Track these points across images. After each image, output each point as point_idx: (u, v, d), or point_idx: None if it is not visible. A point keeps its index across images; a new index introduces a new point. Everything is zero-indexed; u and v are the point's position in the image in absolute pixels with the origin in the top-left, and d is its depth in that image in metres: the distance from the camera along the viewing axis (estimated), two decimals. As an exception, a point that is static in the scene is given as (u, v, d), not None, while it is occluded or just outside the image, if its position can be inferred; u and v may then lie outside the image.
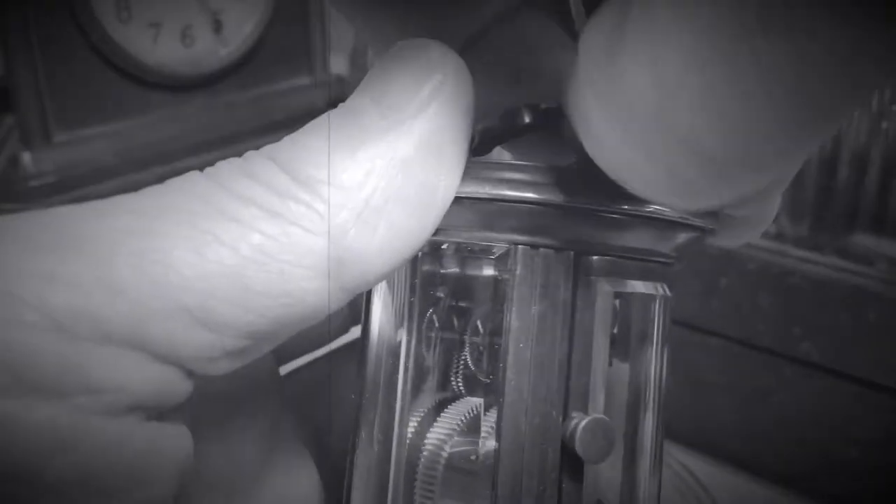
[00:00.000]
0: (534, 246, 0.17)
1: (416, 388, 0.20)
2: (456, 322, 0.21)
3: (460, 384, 0.20)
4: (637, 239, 0.18)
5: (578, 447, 0.17)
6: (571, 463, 0.17)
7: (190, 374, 0.15)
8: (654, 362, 0.19)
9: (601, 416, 0.17)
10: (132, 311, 0.14)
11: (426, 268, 0.20)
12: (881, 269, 0.41)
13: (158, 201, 0.15)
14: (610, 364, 0.19)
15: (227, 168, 0.15)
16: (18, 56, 0.54)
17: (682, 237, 0.19)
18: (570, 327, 0.18)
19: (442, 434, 0.19)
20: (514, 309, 0.17)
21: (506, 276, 0.18)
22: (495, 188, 0.17)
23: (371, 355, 0.19)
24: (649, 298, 0.19)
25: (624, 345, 0.19)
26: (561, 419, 0.17)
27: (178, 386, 0.15)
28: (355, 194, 0.15)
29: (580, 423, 0.17)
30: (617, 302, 0.19)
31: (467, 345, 0.20)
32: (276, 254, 0.14)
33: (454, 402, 0.20)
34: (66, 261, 0.14)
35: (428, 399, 0.20)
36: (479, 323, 0.20)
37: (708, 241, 0.20)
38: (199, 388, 0.16)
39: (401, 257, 0.16)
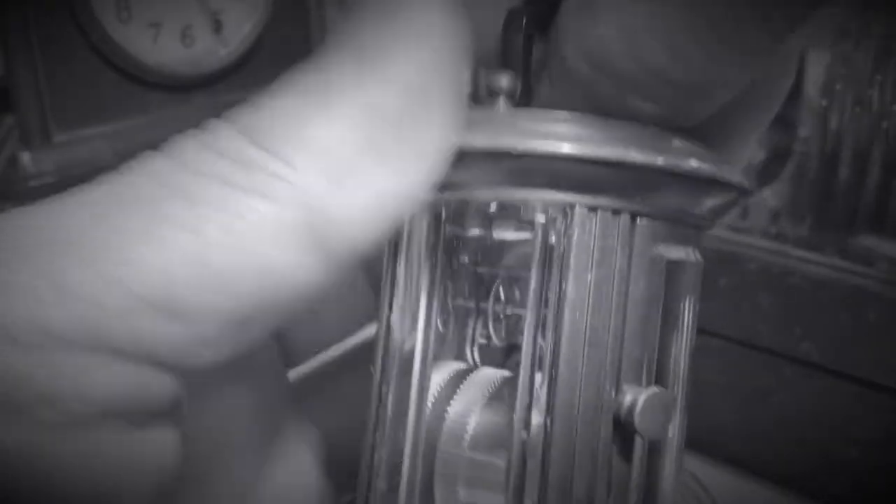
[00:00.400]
0: (592, 208, 0.16)
1: (435, 358, 0.18)
2: (475, 289, 0.19)
3: (475, 355, 0.19)
4: (686, 200, 0.17)
5: (638, 422, 0.16)
6: (624, 438, 0.16)
7: (171, 370, 0.14)
8: (689, 332, 0.19)
9: (659, 388, 0.17)
10: (87, 312, 0.13)
11: (450, 229, 0.18)
12: (881, 269, 0.41)
13: (116, 190, 0.14)
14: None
15: (188, 144, 0.14)
16: (18, 56, 0.54)
17: (722, 197, 0.18)
18: (625, 296, 0.17)
19: (462, 411, 0.18)
20: (571, 276, 0.16)
21: (550, 240, 0.17)
22: (548, 142, 0.15)
23: (389, 326, 0.18)
24: (691, 266, 0.19)
25: (667, 313, 0.18)
26: (614, 393, 0.16)
27: (158, 386, 0.14)
28: (328, 155, 0.14)
29: (639, 396, 0.16)
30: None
31: (490, 313, 0.19)
32: (245, 231, 0.13)
33: (469, 373, 0.19)
34: (18, 269, 0.13)
35: (444, 371, 0.19)
36: (501, 289, 0.19)
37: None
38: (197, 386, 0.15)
39: (389, 218, 0.15)
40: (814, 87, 0.54)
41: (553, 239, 0.17)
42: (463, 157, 0.16)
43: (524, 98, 0.18)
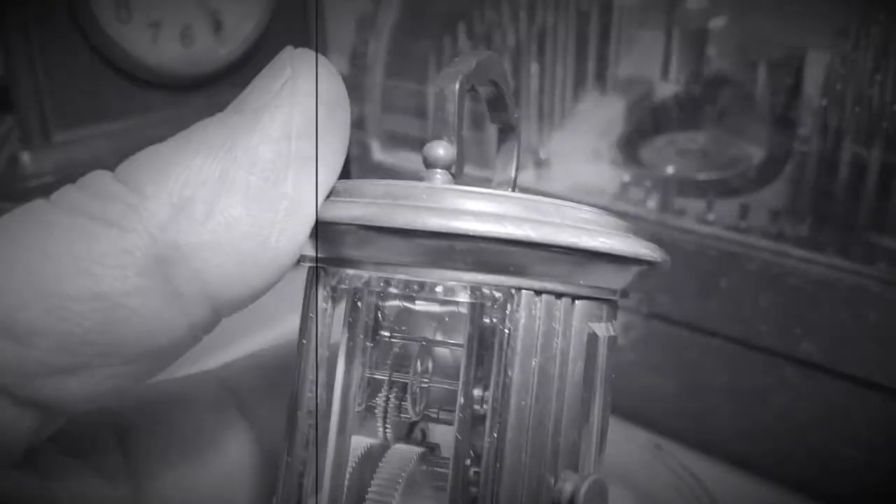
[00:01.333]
0: (538, 292, 0.16)
1: (349, 431, 0.18)
2: (388, 361, 0.19)
3: (388, 430, 0.19)
4: (611, 279, 0.17)
5: None
6: None
7: (26, 404, 0.14)
8: (604, 401, 0.19)
9: (597, 476, 0.16)
10: None
11: (364, 304, 0.18)
12: (881, 269, 0.41)
13: (3, 225, 0.15)
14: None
15: (67, 188, 0.15)
16: (18, 56, 0.54)
17: (635, 271, 0.18)
18: (564, 379, 0.16)
19: (381, 493, 0.17)
20: (517, 361, 0.16)
21: (490, 322, 0.16)
22: (488, 224, 0.15)
23: (302, 393, 0.17)
24: (612, 340, 0.18)
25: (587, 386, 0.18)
26: (553, 480, 0.16)
27: (8, 417, 0.14)
28: (181, 188, 0.15)
29: (581, 486, 0.16)
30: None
31: (410, 386, 0.19)
32: (88, 254, 0.14)
33: (382, 449, 0.19)
34: None
35: (357, 447, 0.18)
36: (422, 363, 0.19)
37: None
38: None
39: (244, 255, 0.15)
40: (813, 87, 0.54)
41: (487, 321, 0.16)
42: (394, 235, 0.15)
43: (458, 167, 0.17)
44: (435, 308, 0.18)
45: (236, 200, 0.15)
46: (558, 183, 0.53)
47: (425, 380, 0.19)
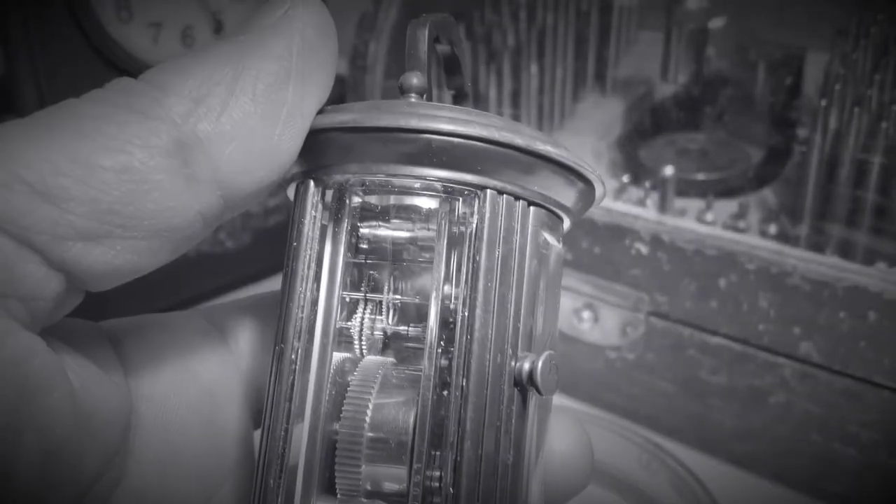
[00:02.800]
0: (500, 191, 0.19)
1: (331, 347, 0.20)
2: (367, 280, 0.21)
3: (363, 346, 0.21)
4: (560, 192, 0.20)
5: (540, 382, 0.18)
6: (521, 396, 0.19)
7: (55, 266, 0.16)
8: (554, 302, 0.21)
9: (552, 351, 0.19)
10: None
11: (349, 221, 0.20)
12: (881, 269, 0.41)
13: (46, 115, 0.17)
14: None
15: (94, 90, 0.17)
16: (19, 56, 0.54)
17: (581, 193, 0.21)
18: (521, 272, 0.19)
19: (358, 395, 0.19)
20: (483, 248, 0.18)
21: (458, 212, 0.19)
22: (462, 126, 0.18)
23: (290, 308, 0.19)
24: (558, 252, 0.21)
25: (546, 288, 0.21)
26: (514, 358, 0.19)
27: (39, 276, 0.16)
28: (199, 86, 0.17)
29: (538, 360, 0.18)
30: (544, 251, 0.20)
31: (385, 302, 0.21)
32: (118, 134, 0.16)
33: (356, 362, 0.21)
34: None
35: (333, 360, 0.20)
36: (395, 282, 0.21)
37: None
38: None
39: (251, 147, 0.17)
40: (813, 87, 0.54)
41: (457, 217, 0.19)
42: (378, 136, 0.18)
43: (429, 96, 0.20)
44: (406, 233, 0.21)
45: (247, 100, 0.17)
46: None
47: (397, 297, 0.21)
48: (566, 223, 0.21)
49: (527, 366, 0.18)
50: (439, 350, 0.19)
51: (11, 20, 0.53)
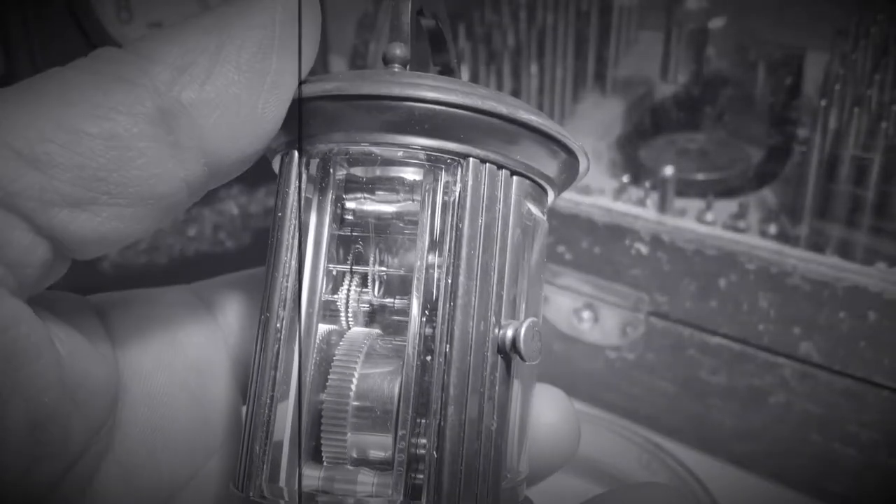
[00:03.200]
0: (483, 160, 0.19)
1: (317, 319, 0.20)
2: (353, 253, 0.21)
3: (350, 318, 0.21)
4: (543, 162, 0.20)
5: (523, 348, 0.18)
6: (504, 363, 0.19)
7: (41, 233, 0.16)
8: (538, 275, 0.21)
9: (534, 318, 0.19)
10: None
11: (334, 193, 0.20)
12: (881, 269, 0.41)
13: (35, 81, 0.17)
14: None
15: (79, 59, 0.17)
16: (19, 56, 0.54)
17: (565, 165, 0.21)
18: (505, 241, 0.19)
19: (344, 365, 0.19)
20: (466, 217, 0.18)
21: (441, 181, 0.19)
22: (445, 95, 0.18)
23: (275, 279, 0.19)
24: (542, 223, 0.21)
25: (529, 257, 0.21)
26: (497, 325, 0.19)
27: (26, 243, 0.16)
28: (182, 55, 0.17)
29: (521, 327, 0.18)
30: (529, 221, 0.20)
31: (371, 274, 0.21)
32: (103, 101, 0.16)
33: (342, 333, 0.21)
34: None
35: (320, 331, 0.20)
36: (382, 252, 0.21)
37: None
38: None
39: (236, 115, 0.17)
40: (813, 87, 0.54)
41: (440, 185, 0.19)
42: (361, 105, 0.18)
43: (412, 67, 0.20)
44: (391, 206, 0.21)
45: (230, 68, 0.17)
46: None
47: (383, 269, 0.21)
48: (550, 195, 0.21)
49: (510, 333, 0.19)
50: (423, 319, 0.19)
51: (11, 20, 0.53)
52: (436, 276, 0.19)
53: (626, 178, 0.52)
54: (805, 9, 0.56)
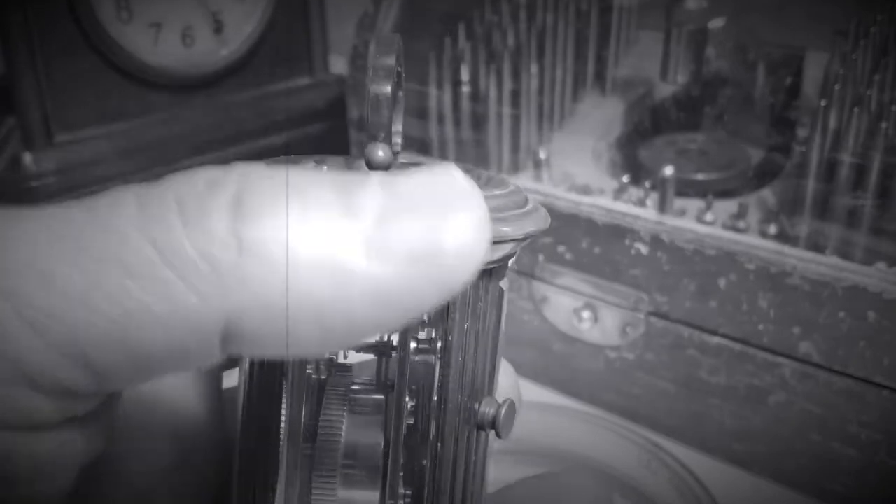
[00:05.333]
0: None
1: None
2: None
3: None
4: (513, 249, 0.20)
5: (501, 428, 0.20)
6: (481, 441, 0.20)
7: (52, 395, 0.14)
8: (501, 337, 0.22)
9: (510, 399, 0.20)
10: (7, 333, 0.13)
11: None
12: (881, 269, 0.41)
13: (77, 215, 0.14)
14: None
15: (121, 196, 0.14)
16: (19, 56, 0.54)
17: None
18: (485, 331, 0.20)
19: (331, 421, 0.20)
20: (455, 329, 0.19)
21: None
22: None
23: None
24: (505, 290, 0.22)
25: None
26: (477, 406, 0.20)
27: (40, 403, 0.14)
28: (251, 260, 0.13)
29: (500, 410, 0.20)
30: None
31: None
32: (165, 311, 0.13)
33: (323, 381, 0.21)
34: None
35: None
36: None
37: None
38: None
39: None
40: (812, 87, 0.54)
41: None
42: None
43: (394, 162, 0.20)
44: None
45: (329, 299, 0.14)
46: (557, 183, 0.53)
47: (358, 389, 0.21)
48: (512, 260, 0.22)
49: (490, 413, 0.20)
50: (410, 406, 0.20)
51: (11, 20, 0.53)
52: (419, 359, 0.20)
53: (625, 178, 0.52)
54: (805, 9, 0.56)
